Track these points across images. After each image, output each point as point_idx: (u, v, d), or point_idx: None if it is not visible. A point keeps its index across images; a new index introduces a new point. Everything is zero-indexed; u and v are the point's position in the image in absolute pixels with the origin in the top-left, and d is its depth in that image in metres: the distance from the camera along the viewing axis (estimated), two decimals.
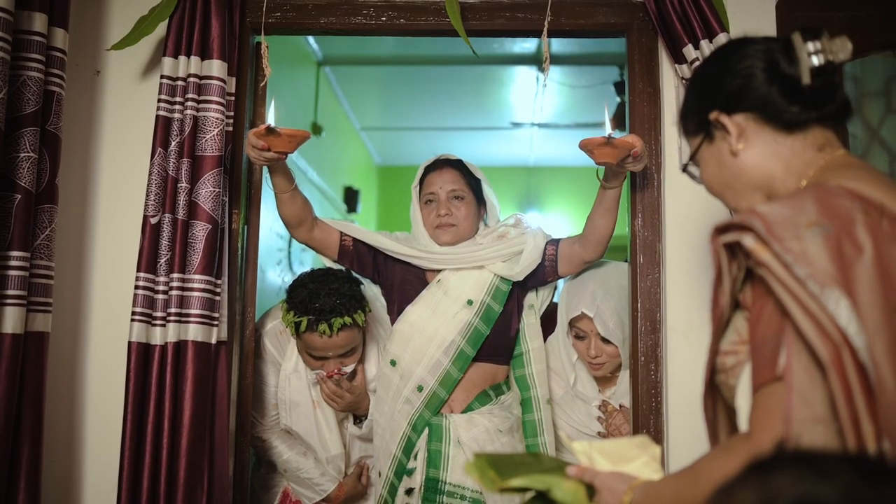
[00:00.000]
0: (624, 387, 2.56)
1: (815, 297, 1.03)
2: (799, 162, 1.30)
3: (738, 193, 1.37)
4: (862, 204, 1.11)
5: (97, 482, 2.38)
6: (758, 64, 1.30)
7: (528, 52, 5.21)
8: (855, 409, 1.00)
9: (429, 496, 2.41)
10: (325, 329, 2.42)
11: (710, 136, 1.38)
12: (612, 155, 2.19)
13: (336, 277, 2.51)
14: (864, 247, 1.06)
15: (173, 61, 2.35)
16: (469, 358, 2.49)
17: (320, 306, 2.43)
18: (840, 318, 1.01)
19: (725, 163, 1.36)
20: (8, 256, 2.02)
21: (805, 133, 1.30)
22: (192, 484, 2.20)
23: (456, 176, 2.61)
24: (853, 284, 1.03)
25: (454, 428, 2.46)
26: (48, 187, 2.15)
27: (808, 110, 1.28)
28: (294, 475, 2.66)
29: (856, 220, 1.09)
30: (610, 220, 2.43)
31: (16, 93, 2.06)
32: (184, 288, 2.26)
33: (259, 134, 2.19)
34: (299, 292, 2.48)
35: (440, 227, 2.56)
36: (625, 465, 1.34)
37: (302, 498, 2.67)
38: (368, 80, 6.07)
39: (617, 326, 2.49)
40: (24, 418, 2.06)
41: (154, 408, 2.22)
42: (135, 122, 2.49)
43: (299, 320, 2.44)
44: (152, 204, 2.29)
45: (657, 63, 2.50)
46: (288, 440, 2.67)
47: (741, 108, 1.32)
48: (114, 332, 2.39)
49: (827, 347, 1.01)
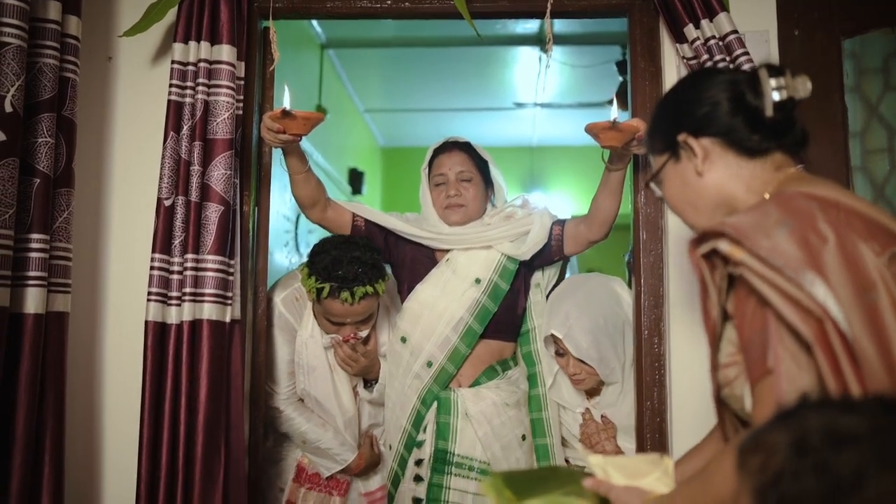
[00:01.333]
0: (608, 399, 2.57)
1: (792, 280, 1.10)
2: (758, 182, 1.39)
3: (698, 210, 1.47)
4: (819, 203, 1.21)
5: (117, 457, 2.44)
6: (723, 94, 1.41)
7: (531, 32, 5.22)
8: (843, 378, 1.06)
9: (437, 467, 2.48)
10: (347, 297, 2.45)
11: (676, 156, 1.47)
12: (617, 139, 2.24)
13: (358, 245, 2.53)
14: (828, 237, 1.14)
15: (184, 47, 2.39)
16: (477, 334, 2.56)
17: (343, 274, 2.45)
18: (818, 294, 1.09)
19: (689, 182, 1.45)
20: (29, 239, 2.07)
21: (765, 159, 1.40)
22: (209, 458, 2.26)
23: (464, 158, 2.67)
24: (824, 269, 1.11)
25: (462, 401, 2.53)
26: (65, 171, 2.20)
27: (769, 140, 1.39)
28: (313, 446, 2.65)
29: (816, 215, 1.18)
30: (615, 201, 2.48)
31: (32, 80, 2.10)
32: (198, 268, 2.31)
33: (275, 117, 2.24)
34: (322, 258, 2.49)
35: (449, 208, 2.62)
36: (639, 479, 1.37)
37: (320, 469, 2.69)
38: (372, 62, 6.08)
39: (592, 347, 2.46)
40: (46, 395, 2.11)
41: (171, 385, 2.28)
42: (147, 106, 2.53)
43: (322, 286, 2.46)
44: (166, 186, 2.34)
45: (658, 43, 2.54)
46: (305, 411, 2.67)
47: (707, 132, 1.42)
48: (130, 312, 2.44)
49: (809, 325, 1.08)
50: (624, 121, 2.25)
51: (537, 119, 7.15)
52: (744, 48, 2.29)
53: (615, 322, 2.51)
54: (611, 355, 2.47)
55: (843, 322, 1.07)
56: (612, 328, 2.50)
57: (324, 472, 2.70)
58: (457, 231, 2.61)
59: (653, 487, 1.36)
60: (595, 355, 2.45)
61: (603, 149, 2.34)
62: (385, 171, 8.23)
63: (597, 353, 2.45)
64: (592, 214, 2.52)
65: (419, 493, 2.49)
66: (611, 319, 2.51)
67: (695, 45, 2.34)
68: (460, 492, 2.45)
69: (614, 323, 2.51)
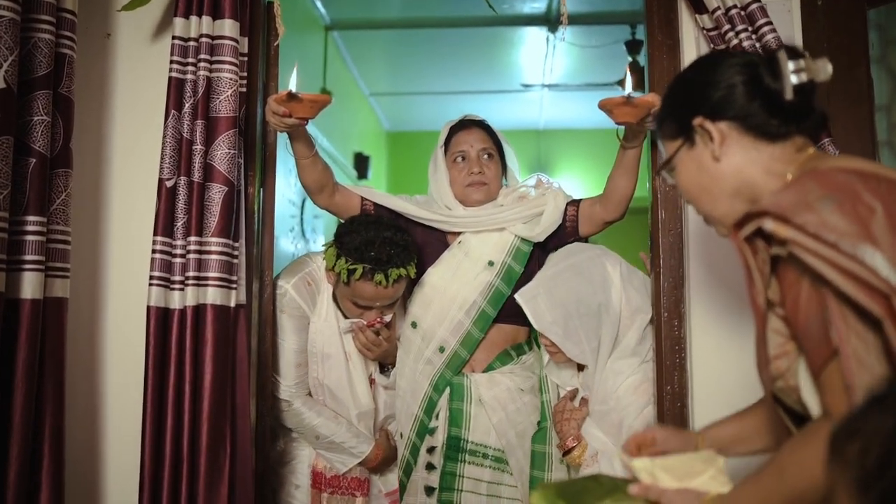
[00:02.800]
0: (587, 378, 2.39)
1: (851, 255, 1.04)
2: (779, 164, 1.34)
3: (714, 198, 1.40)
4: (858, 175, 1.16)
5: (119, 447, 2.38)
6: (739, 77, 1.36)
7: (538, 12, 5.15)
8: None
9: (451, 454, 2.42)
10: (382, 279, 2.35)
11: (690, 141, 1.41)
12: (632, 114, 2.17)
13: (388, 226, 2.44)
14: (875, 207, 1.09)
15: (185, 22, 2.31)
16: (490, 318, 2.48)
17: (376, 255, 2.35)
18: (881, 269, 1.02)
19: (706, 167, 1.39)
20: (25, 221, 2.00)
21: (785, 142, 1.35)
22: (215, 447, 2.19)
23: (484, 135, 2.60)
24: (877, 241, 1.05)
25: (475, 387, 2.46)
26: (62, 151, 2.12)
27: (788, 123, 1.34)
28: (326, 441, 2.51)
29: (858, 187, 1.12)
30: (630, 179, 2.41)
31: (27, 55, 2.03)
32: (201, 251, 2.24)
33: (280, 100, 2.17)
34: (352, 238, 2.39)
35: (472, 186, 2.53)
36: (690, 480, 1.30)
37: (336, 465, 2.56)
38: (377, 44, 6.02)
39: (556, 323, 2.29)
40: (45, 384, 2.05)
41: (175, 372, 2.21)
42: (147, 84, 2.46)
43: (354, 268, 2.35)
44: (167, 167, 2.26)
45: (676, 14, 2.45)
46: (315, 405, 2.55)
47: (724, 116, 1.36)
48: (132, 296, 2.37)
49: (876, 300, 1.02)
50: (639, 96, 2.17)
51: (545, 101, 7.09)
52: (766, 17, 2.20)
53: (589, 305, 2.32)
54: (579, 337, 2.31)
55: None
56: (584, 311, 2.31)
57: (340, 468, 2.56)
58: (469, 213, 2.54)
59: (707, 487, 1.29)
60: (559, 331, 2.30)
61: (617, 125, 2.26)
62: (391, 155, 8.17)
63: (562, 330, 2.30)
64: (608, 194, 2.45)
65: (432, 481, 2.43)
66: (585, 302, 2.32)
67: (715, 14, 2.25)
68: (474, 480, 2.40)
69: (588, 306, 2.32)
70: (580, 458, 2.29)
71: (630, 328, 2.36)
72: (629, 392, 2.30)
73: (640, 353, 2.36)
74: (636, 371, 2.33)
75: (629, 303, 2.36)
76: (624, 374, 2.31)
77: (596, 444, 2.29)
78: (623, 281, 2.38)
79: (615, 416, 2.29)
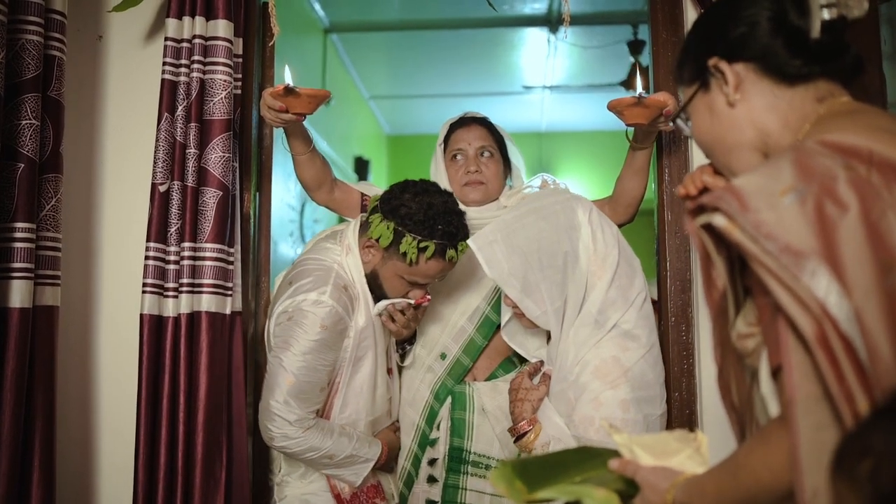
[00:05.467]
0: (551, 349, 2.08)
1: (789, 269, 0.95)
2: (796, 116, 1.23)
3: (728, 150, 1.30)
4: (845, 158, 1.03)
5: (113, 459, 2.33)
6: (764, 13, 1.23)
7: (539, 13, 5.10)
8: (847, 385, 0.92)
9: (453, 466, 2.35)
10: (454, 255, 2.13)
11: (706, 85, 1.30)
12: (643, 115, 2.11)
13: (438, 191, 2.20)
14: (849, 204, 0.97)
15: (177, 22, 2.26)
16: (494, 325, 2.41)
17: (445, 228, 2.11)
18: (818, 289, 0.94)
19: (719, 114, 1.29)
20: (13, 228, 1.95)
21: (806, 86, 1.23)
22: (210, 458, 2.14)
23: (484, 133, 2.52)
24: (837, 248, 0.95)
25: (478, 396, 2.39)
26: (52, 156, 2.07)
27: (812, 64, 1.21)
28: (340, 461, 2.20)
29: (838, 176, 1.00)
30: (640, 181, 2.34)
31: (14, 57, 1.98)
32: (196, 257, 2.19)
33: (277, 94, 2.10)
34: (412, 210, 2.12)
35: (469, 185, 2.46)
36: (668, 459, 1.27)
37: (348, 478, 2.25)
38: (376, 47, 5.99)
39: (514, 274, 1.97)
40: (35, 395, 2.00)
41: (169, 382, 2.16)
42: (140, 86, 2.41)
43: (425, 245, 2.09)
44: (160, 171, 2.21)
45: (681, 11, 2.40)
46: (325, 424, 2.20)
47: (742, 56, 1.25)
48: (125, 304, 2.32)
49: (809, 322, 0.94)
50: (650, 95, 2.12)
51: (546, 103, 7.04)
52: None
53: (553, 255, 1.98)
54: (541, 293, 1.98)
55: (844, 322, 0.92)
56: (546, 262, 1.97)
57: (356, 482, 2.25)
58: (471, 213, 2.47)
59: (683, 466, 1.25)
60: (517, 284, 1.97)
61: (627, 127, 2.20)
62: (391, 158, 8.13)
63: (519, 283, 1.97)
64: (617, 196, 2.39)
65: (433, 495, 2.36)
66: (548, 251, 1.98)
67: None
68: (477, 493, 2.32)
69: (551, 256, 1.98)
70: (531, 444, 1.98)
71: (596, 287, 2.00)
72: (588, 370, 1.94)
73: (610, 319, 1.98)
74: (603, 343, 1.97)
75: (597, 254, 2.01)
76: (587, 344, 1.97)
77: (552, 431, 1.96)
78: (593, 228, 2.03)
79: (571, 396, 1.96)
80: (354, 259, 2.23)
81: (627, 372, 1.93)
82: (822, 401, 0.96)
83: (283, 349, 2.12)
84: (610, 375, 1.93)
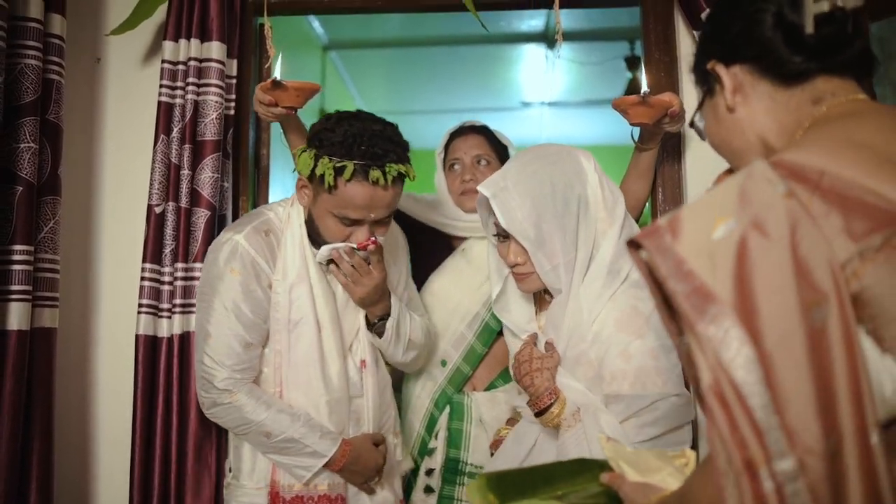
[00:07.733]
0: (555, 313, 1.91)
1: (694, 312, 0.89)
2: (791, 119, 1.17)
3: (735, 155, 1.25)
4: (790, 182, 0.96)
5: (110, 476, 2.34)
6: (760, 11, 1.17)
7: (537, 29, 5.11)
8: (740, 434, 0.87)
9: (448, 477, 2.33)
10: (379, 177, 1.88)
11: (711, 90, 1.26)
12: (648, 115, 2.10)
13: (375, 119, 2.00)
14: (778, 238, 0.91)
15: (174, 45, 2.29)
16: (494, 332, 2.39)
17: (368, 149, 1.89)
18: (714, 336, 0.88)
19: (723, 119, 1.24)
20: (11, 251, 1.97)
21: (803, 87, 1.16)
22: (200, 477, 2.16)
23: (481, 141, 2.53)
24: (751, 290, 0.89)
25: (476, 406, 2.37)
26: (50, 178, 2.10)
27: (810, 61, 1.15)
28: (279, 441, 1.95)
29: (773, 205, 0.93)
30: (645, 183, 2.34)
31: (13, 81, 2.00)
32: (187, 278, 2.22)
33: (265, 88, 2.11)
34: (334, 134, 1.92)
35: (465, 194, 2.45)
36: (651, 475, 1.26)
37: (295, 471, 1.98)
38: (375, 63, 5.99)
39: (528, 219, 1.82)
40: (33, 416, 2.01)
41: (162, 402, 2.19)
42: (137, 109, 2.44)
43: (342, 165, 1.87)
44: (156, 192, 2.24)
45: (674, 31, 2.42)
46: (262, 395, 1.98)
47: (739, 57, 1.20)
48: (122, 325, 2.34)
49: (705, 369, 0.88)
50: (655, 95, 2.11)
51: (545, 118, 7.05)
52: None
53: (567, 199, 1.84)
54: (555, 240, 1.83)
55: (740, 370, 0.86)
56: (560, 207, 1.84)
57: (302, 475, 1.98)
58: (473, 218, 2.46)
59: (665, 484, 1.24)
60: (532, 233, 1.82)
61: (632, 126, 2.19)
62: None
63: (534, 230, 1.82)
64: None
65: None
66: (561, 194, 1.84)
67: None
68: None
69: (565, 200, 1.84)
70: (559, 417, 1.81)
71: (607, 235, 1.88)
72: (609, 323, 1.81)
73: (623, 269, 1.86)
74: (618, 296, 1.84)
75: (605, 202, 1.89)
76: (602, 298, 1.84)
77: (575, 398, 1.81)
78: (599, 175, 1.92)
79: (593, 356, 1.82)
80: (297, 208, 2.07)
81: (649, 319, 1.79)
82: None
83: (200, 303, 2.01)
84: (633, 325, 1.80)
